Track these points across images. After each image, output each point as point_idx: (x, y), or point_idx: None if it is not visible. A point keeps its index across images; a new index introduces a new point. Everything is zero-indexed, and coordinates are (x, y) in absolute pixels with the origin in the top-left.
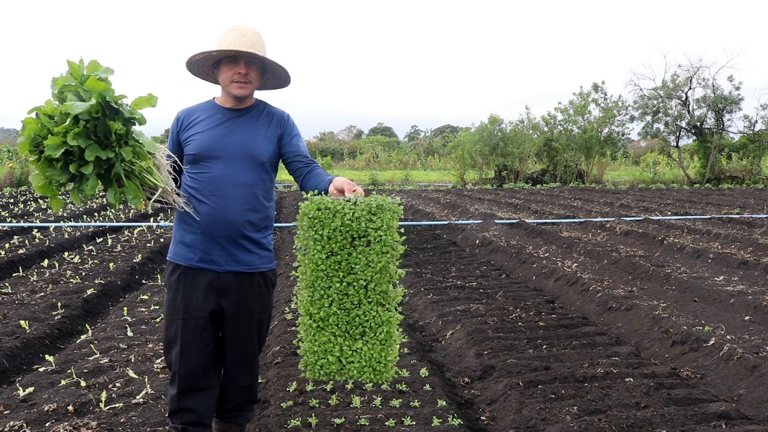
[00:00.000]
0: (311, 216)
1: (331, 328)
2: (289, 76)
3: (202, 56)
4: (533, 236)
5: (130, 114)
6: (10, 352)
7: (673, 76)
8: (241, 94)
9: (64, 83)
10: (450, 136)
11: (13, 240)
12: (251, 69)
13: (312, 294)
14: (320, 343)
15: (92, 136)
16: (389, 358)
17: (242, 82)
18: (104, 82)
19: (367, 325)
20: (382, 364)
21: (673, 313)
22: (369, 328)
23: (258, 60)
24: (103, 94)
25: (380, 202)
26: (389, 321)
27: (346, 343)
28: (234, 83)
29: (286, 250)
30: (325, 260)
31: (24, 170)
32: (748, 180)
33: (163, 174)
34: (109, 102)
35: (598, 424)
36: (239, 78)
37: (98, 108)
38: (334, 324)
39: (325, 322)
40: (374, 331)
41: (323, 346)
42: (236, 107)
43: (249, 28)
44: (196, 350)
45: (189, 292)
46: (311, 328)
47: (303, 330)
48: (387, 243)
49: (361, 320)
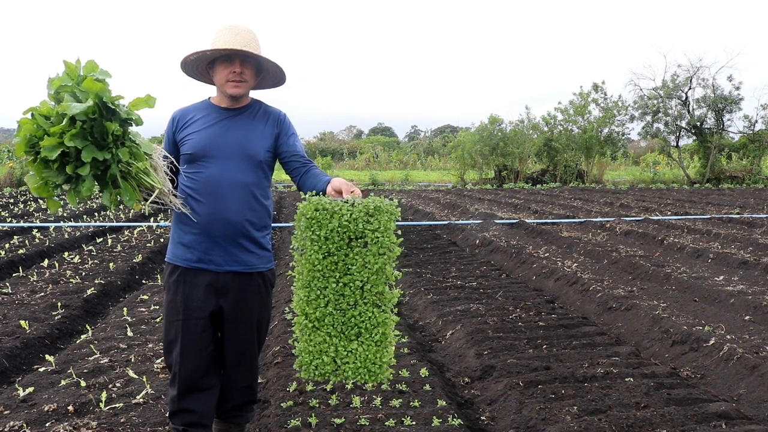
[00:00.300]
0: (309, 216)
1: (326, 329)
2: (284, 74)
3: (196, 56)
4: (533, 236)
5: (127, 115)
6: (10, 352)
7: (673, 76)
8: (236, 93)
9: (60, 83)
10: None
11: (13, 240)
12: (246, 68)
13: (308, 294)
14: (315, 343)
15: (89, 137)
16: (384, 360)
17: (237, 81)
18: (101, 83)
19: (363, 326)
20: (377, 365)
21: (673, 313)
22: (364, 329)
23: (253, 59)
24: (100, 95)
25: (378, 203)
26: (385, 322)
27: (342, 343)
28: (229, 82)
29: (285, 250)
30: (321, 261)
31: (24, 170)
32: (748, 180)
33: (159, 175)
34: (106, 103)
35: (598, 424)
36: (234, 77)
37: (95, 109)
38: (329, 324)
39: (321, 323)
40: (370, 332)
41: (318, 347)
42: (232, 107)
43: (243, 27)
44: (196, 351)
45: (188, 292)
46: (307, 328)
47: (299, 330)
48: (384, 244)
49: (357, 321)
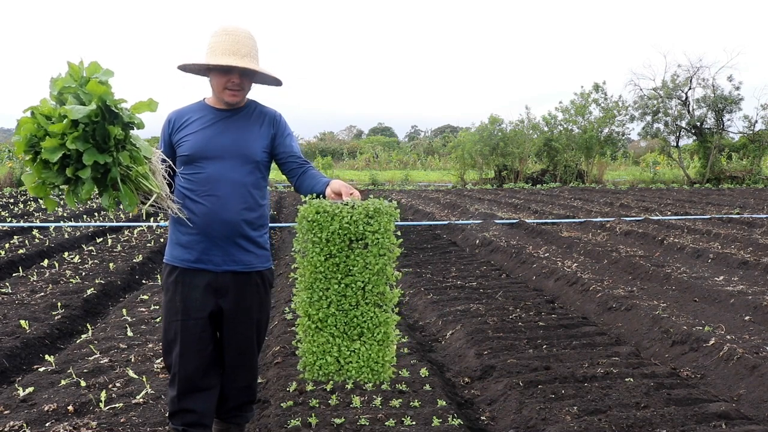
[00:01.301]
0: (310, 219)
1: (329, 329)
2: (281, 81)
3: (195, 67)
4: (533, 236)
5: (129, 118)
6: (10, 352)
7: (673, 76)
8: (234, 102)
9: (63, 84)
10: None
11: (13, 240)
12: (244, 79)
13: (311, 295)
14: (319, 343)
15: (90, 140)
16: (387, 359)
17: (236, 91)
18: (105, 86)
19: (365, 326)
20: (379, 364)
21: (673, 313)
22: (367, 329)
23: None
24: (104, 98)
25: (377, 205)
26: (386, 322)
27: (345, 343)
28: (227, 90)
29: (285, 250)
30: (323, 262)
31: (24, 170)
32: (748, 180)
33: (158, 179)
34: (109, 106)
35: (598, 424)
36: (232, 86)
37: (98, 112)
38: (332, 325)
39: (324, 323)
40: (372, 331)
41: (322, 347)
42: (228, 108)
43: (241, 31)
44: (195, 351)
45: (187, 293)
46: (310, 329)
47: (302, 331)
48: (384, 245)
49: (359, 321)
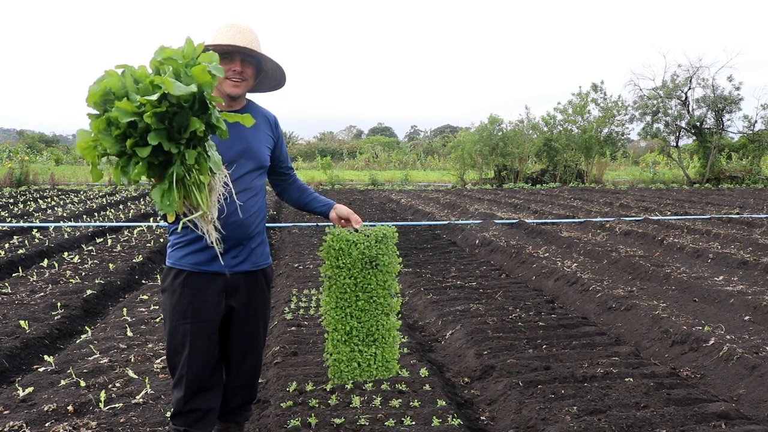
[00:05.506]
0: (337, 248)
1: (354, 339)
2: (284, 75)
3: None
4: (533, 236)
5: (217, 121)
6: (10, 352)
7: (673, 76)
8: (235, 93)
9: (169, 55)
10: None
11: (13, 240)
12: (246, 67)
13: (338, 313)
14: (345, 353)
15: (165, 122)
16: (395, 357)
17: (237, 81)
18: (210, 76)
19: (378, 333)
20: (390, 362)
21: (672, 313)
22: (380, 336)
23: (253, 58)
24: (203, 88)
25: (384, 231)
26: (393, 326)
27: (365, 350)
28: (228, 81)
29: (286, 250)
30: (349, 283)
31: (24, 170)
32: (748, 180)
33: (212, 198)
34: (204, 98)
35: (597, 424)
36: (234, 75)
37: (191, 97)
38: (355, 336)
39: (350, 335)
40: (383, 336)
41: (348, 355)
42: (230, 108)
43: (244, 25)
44: (204, 353)
45: (197, 296)
46: (339, 342)
47: (331, 344)
48: (390, 263)
49: (374, 330)
